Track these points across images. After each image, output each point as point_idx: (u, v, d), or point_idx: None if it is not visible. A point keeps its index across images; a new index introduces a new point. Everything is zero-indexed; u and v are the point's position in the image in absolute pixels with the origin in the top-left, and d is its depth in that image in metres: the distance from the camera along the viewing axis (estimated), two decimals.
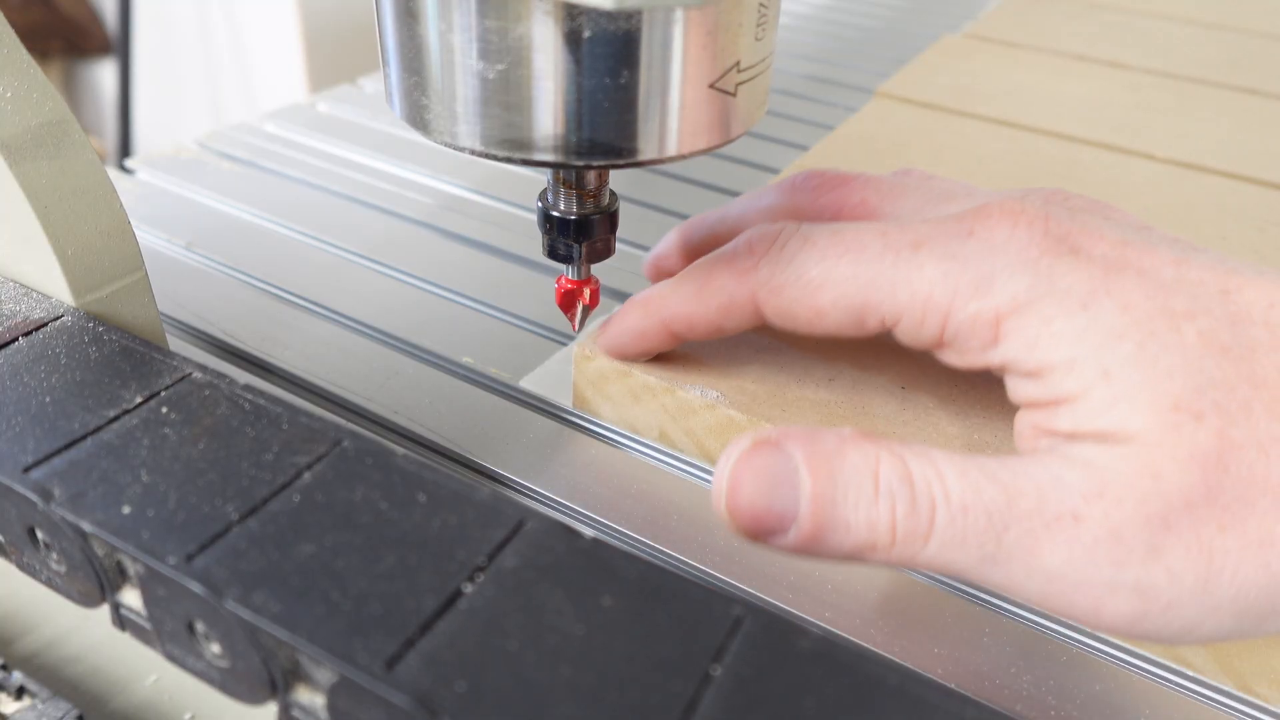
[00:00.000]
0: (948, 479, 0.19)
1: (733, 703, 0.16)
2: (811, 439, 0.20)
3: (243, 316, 0.35)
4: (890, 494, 0.19)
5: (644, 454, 0.30)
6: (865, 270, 0.22)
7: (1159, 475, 0.19)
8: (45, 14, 1.52)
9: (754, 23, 0.22)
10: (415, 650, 0.17)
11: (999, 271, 0.21)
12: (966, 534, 0.19)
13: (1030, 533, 0.19)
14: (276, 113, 0.53)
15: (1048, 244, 0.21)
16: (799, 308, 0.24)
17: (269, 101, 1.37)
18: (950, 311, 0.21)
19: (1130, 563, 0.19)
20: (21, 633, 0.25)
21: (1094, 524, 0.19)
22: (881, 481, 0.20)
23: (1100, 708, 0.22)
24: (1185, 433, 0.19)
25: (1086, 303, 0.20)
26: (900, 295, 0.22)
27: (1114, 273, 0.20)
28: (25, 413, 0.21)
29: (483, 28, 0.21)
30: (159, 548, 0.18)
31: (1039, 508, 0.19)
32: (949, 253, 0.22)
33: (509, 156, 0.23)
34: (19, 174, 0.24)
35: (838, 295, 0.23)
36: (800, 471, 0.20)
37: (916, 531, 0.19)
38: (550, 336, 0.36)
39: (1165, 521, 0.19)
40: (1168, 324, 0.20)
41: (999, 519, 0.19)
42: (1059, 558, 0.19)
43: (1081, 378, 0.20)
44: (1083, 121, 0.50)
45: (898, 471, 0.20)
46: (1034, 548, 0.19)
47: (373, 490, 0.20)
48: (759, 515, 0.20)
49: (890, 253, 0.22)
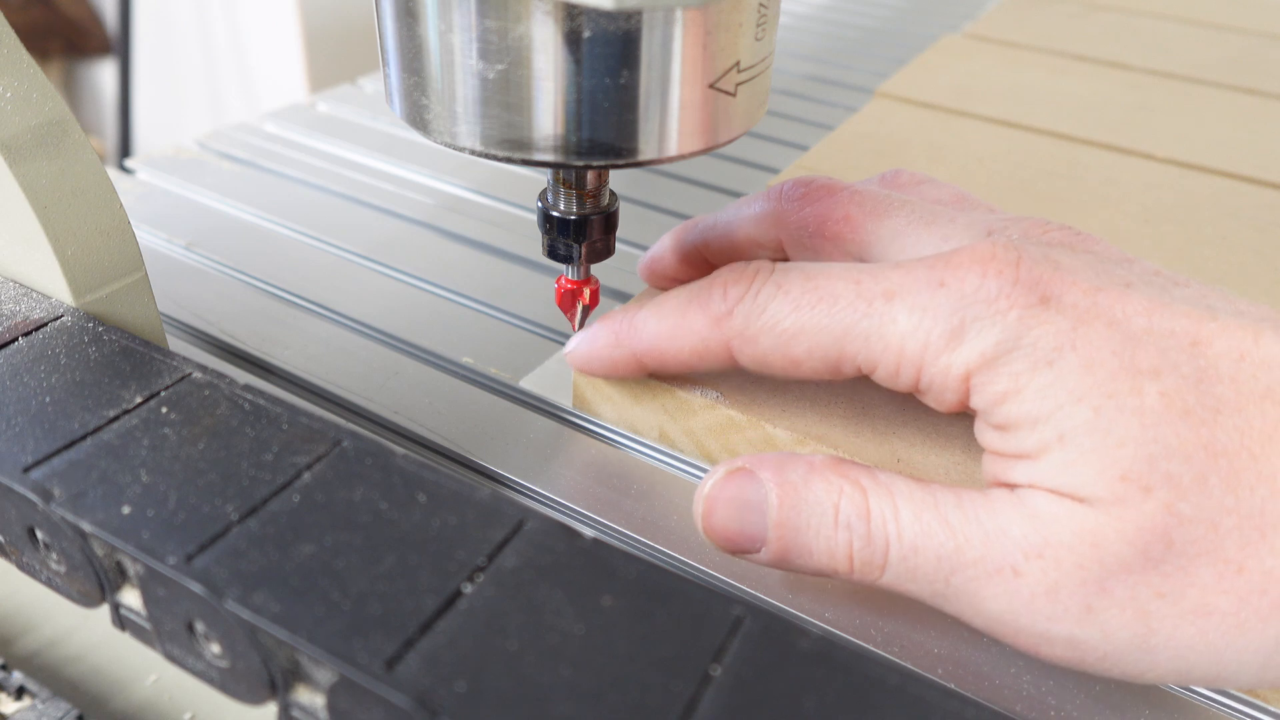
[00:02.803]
0: (902, 518, 0.21)
1: (733, 703, 0.16)
2: (781, 468, 0.22)
3: (243, 316, 0.35)
4: (848, 527, 0.21)
5: (644, 454, 0.30)
6: (839, 320, 0.22)
7: (1099, 544, 0.19)
8: (45, 14, 1.52)
9: (754, 23, 0.22)
10: (415, 650, 0.17)
11: (969, 325, 0.21)
12: (916, 572, 0.21)
13: (974, 579, 0.20)
14: (276, 113, 0.53)
15: (1017, 295, 0.21)
16: (774, 357, 0.24)
17: (269, 101, 1.38)
18: (923, 365, 0.22)
19: (1064, 619, 0.20)
20: (21, 633, 0.25)
21: (1032, 580, 0.20)
22: (841, 515, 0.21)
23: (1100, 708, 0.22)
24: (1131, 505, 0.19)
25: (1052, 359, 0.20)
26: (874, 346, 0.22)
27: (1083, 324, 0.20)
28: (25, 413, 0.21)
29: (483, 28, 0.21)
30: (159, 548, 0.18)
31: (983, 557, 0.20)
32: (920, 304, 0.22)
33: (509, 157, 0.23)
34: (19, 174, 0.24)
35: (812, 345, 0.23)
36: (769, 500, 0.22)
37: (872, 562, 0.21)
38: (550, 336, 0.36)
39: (1101, 585, 0.19)
40: (1130, 385, 0.20)
41: (946, 563, 0.20)
42: (999, 605, 0.20)
43: (1040, 437, 0.20)
44: (1083, 121, 0.50)
45: (857, 507, 0.21)
46: (978, 592, 0.20)
47: (373, 490, 0.20)
48: (731, 537, 0.22)
49: (863, 302, 0.22)
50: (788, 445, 0.27)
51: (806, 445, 0.27)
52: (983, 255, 0.21)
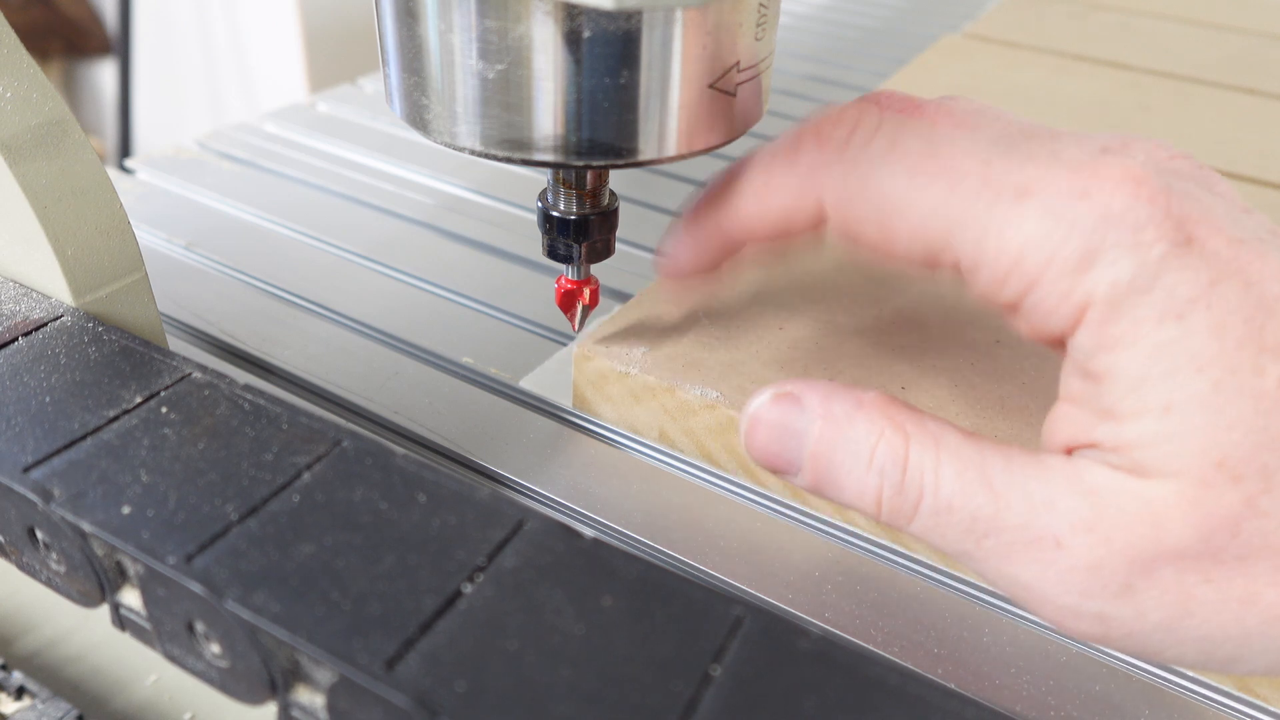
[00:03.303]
0: (943, 473, 0.20)
1: (733, 703, 0.16)
2: (828, 399, 0.21)
3: (243, 316, 0.35)
4: (881, 472, 0.20)
5: (644, 454, 0.30)
6: (957, 204, 0.20)
7: (1160, 525, 0.18)
8: (45, 14, 1.52)
9: (754, 23, 0.22)
10: (415, 650, 0.17)
11: (1107, 249, 0.18)
12: (947, 529, 0.20)
13: (1009, 545, 0.19)
14: (276, 113, 0.53)
15: (1166, 228, 0.18)
16: (868, 226, 0.21)
17: (269, 101, 1.37)
18: (1038, 281, 0.19)
19: (1099, 595, 0.19)
20: (21, 633, 0.25)
21: (1073, 554, 0.19)
22: (876, 459, 0.20)
23: (1100, 708, 0.22)
24: (1214, 492, 0.18)
25: (1183, 312, 0.18)
26: (988, 245, 0.19)
27: (1222, 279, 0.18)
28: (25, 413, 0.21)
29: (483, 28, 0.21)
30: (159, 548, 0.18)
31: (1024, 525, 0.19)
32: (1056, 211, 0.19)
33: (509, 157, 0.23)
34: (19, 174, 0.24)
35: (918, 224, 0.20)
36: (809, 430, 0.21)
37: (901, 510, 0.20)
38: (550, 336, 0.36)
39: (1148, 566, 0.18)
40: (1253, 362, 0.17)
41: (981, 525, 0.19)
42: (1030, 574, 0.19)
43: (1141, 400, 0.18)
44: (1083, 122, 0.50)
45: (894, 453, 0.20)
46: (1010, 559, 0.19)
47: (373, 490, 0.20)
48: (769, 459, 0.22)
49: (990, 191, 0.19)
50: None
51: None
52: (1135, 174, 0.18)
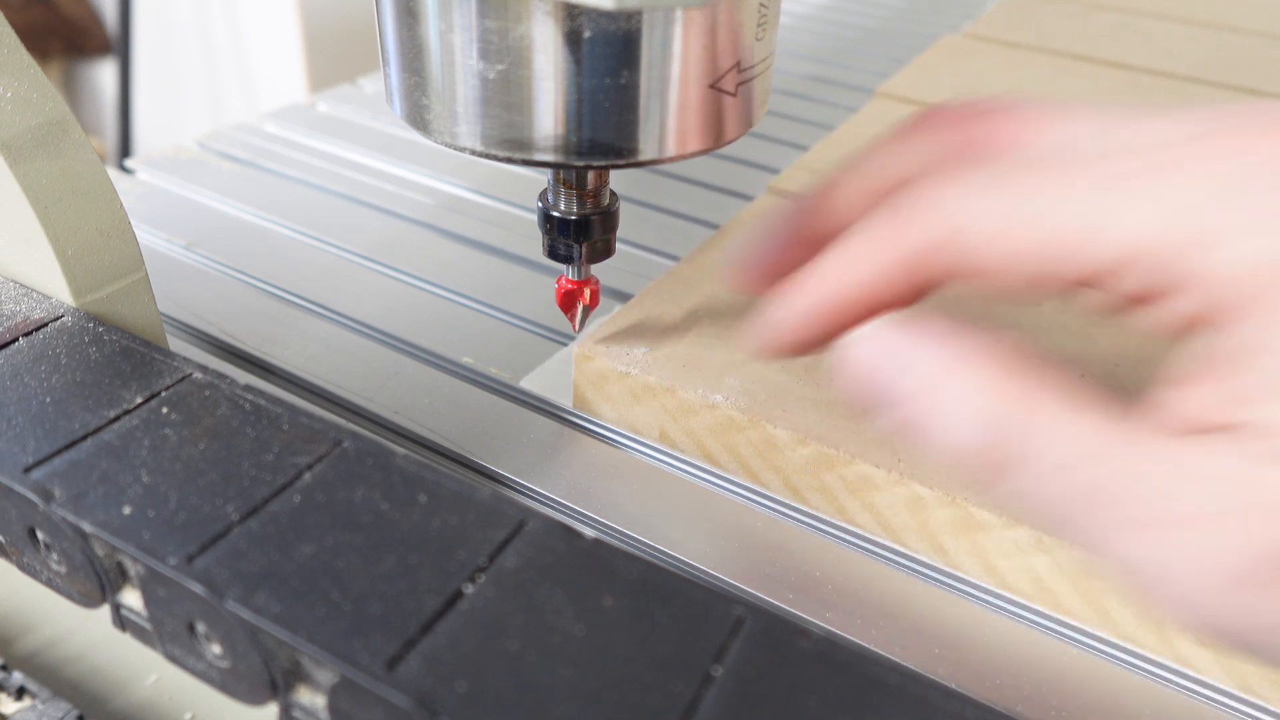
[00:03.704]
0: (1056, 440, 0.18)
1: (734, 703, 0.16)
2: (942, 344, 0.19)
3: (243, 316, 0.35)
4: (980, 430, 0.18)
5: (644, 454, 0.30)
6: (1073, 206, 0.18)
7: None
8: (45, 14, 1.52)
9: (754, 23, 0.22)
10: (416, 651, 0.17)
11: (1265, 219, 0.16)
12: (1053, 494, 0.18)
13: (1127, 522, 0.17)
14: (276, 113, 0.53)
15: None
16: (986, 253, 0.19)
17: (269, 101, 1.37)
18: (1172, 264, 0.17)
19: (1219, 587, 0.17)
20: (21, 633, 0.25)
21: (1201, 539, 0.17)
22: (975, 416, 0.19)
23: (1100, 708, 0.22)
24: None
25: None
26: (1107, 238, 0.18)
27: None
28: (26, 413, 0.21)
29: (483, 28, 0.21)
30: (159, 548, 0.18)
31: (1147, 501, 0.17)
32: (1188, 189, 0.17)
33: (509, 157, 0.23)
34: (19, 174, 0.24)
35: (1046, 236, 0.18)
36: (912, 370, 0.19)
37: (994, 469, 0.19)
38: (550, 336, 0.36)
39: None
40: None
41: (1098, 497, 0.17)
42: (1148, 554, 0.17)
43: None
44: None
45: (998, 414, 0.18)
46: (1126, 536, 0.17)
47: (373, 490, 0.20)
48: (864, 386, 0.20)
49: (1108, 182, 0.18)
50: (788, 445, 0.27)
51: (807, 445, 0.27)
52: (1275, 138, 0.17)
